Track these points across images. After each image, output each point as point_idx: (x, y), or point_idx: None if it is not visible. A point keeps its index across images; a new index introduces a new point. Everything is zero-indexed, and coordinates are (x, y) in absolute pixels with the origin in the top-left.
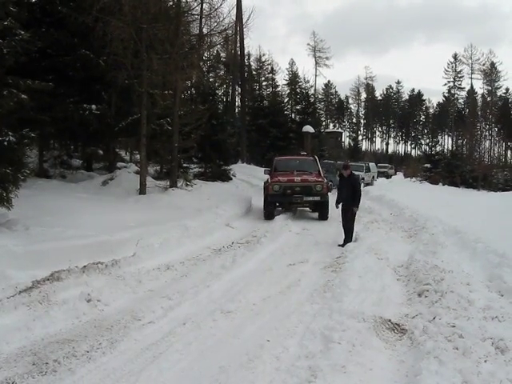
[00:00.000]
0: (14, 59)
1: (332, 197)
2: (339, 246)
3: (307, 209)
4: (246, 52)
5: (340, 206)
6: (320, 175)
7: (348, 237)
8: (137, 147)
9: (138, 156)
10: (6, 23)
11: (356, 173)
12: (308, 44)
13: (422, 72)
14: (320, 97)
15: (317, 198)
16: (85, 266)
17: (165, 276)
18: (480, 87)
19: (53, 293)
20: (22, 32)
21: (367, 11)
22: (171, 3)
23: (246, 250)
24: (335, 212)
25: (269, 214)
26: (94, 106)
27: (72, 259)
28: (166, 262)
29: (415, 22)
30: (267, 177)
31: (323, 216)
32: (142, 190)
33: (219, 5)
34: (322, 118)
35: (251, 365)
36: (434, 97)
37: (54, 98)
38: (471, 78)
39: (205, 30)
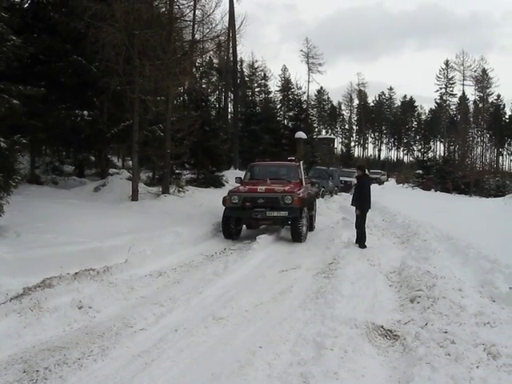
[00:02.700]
0: (6, 65)
1: (324, 204)
2: (355, 244)
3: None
4: (238, 58)
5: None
6: (301, 185)
7: (358, 239)
8: (129, 153)
9: (131, 162)
10: None
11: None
12: (301, 50)
13: (414, 79)
14: (312, 103)
15: (283, 214)
16: (76, 273)
17: (157, 282)
18: (472, 94)
19: (44, 300)
20: (14, 38)
21: (359, 19)
22: (164, 9)
23: (239, 257)
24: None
25: (227, 233)
26: (86, 112)
27: (63, 266)
28: (158, 269)
29: (406, 29)
30: None
31: (296, 236)
32: (134, 197)
33: (212, 11)
34: (315, 125)
35: (243, 371)
36: (426, 103)
37: (46, 104)
38: (463, 85)
39: (197, 37)
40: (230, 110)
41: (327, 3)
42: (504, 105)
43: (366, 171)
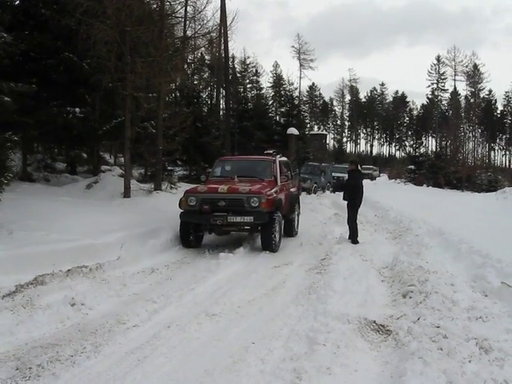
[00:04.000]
0: None
1: (317, 200)
2: (348, 239)
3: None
4: (230, 55)
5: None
6: (275, 183)
7: (351, 234)
8: (121, 150)
9: (123, 159)
10: None
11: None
12: (292, 46)
13: (406, 74)
14: (304, 99)
15: (248, 219)
16: (69, 270)
17: (149, 279)
18: (463, 89)
19: (36, 297)
20: (5, 35)
21: (350, 15)
22: (155, 6)
23: (231, 253)
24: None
25: (185, 241)
26: (77, 109)
27: (56, 263)
28: (151, 265)
29: (397, 25)
30: None
31: (266, 245)
32: (127, 193)
33: (203, 8)
34: (307, 121)
35: (236, 367)
36: (417, 99)
37: (38, 101)
38: (454, 80)
39: (189, 33)
40: (221, 106)
41: (319, 0)
42: (495, 100)
43: (359, 167)
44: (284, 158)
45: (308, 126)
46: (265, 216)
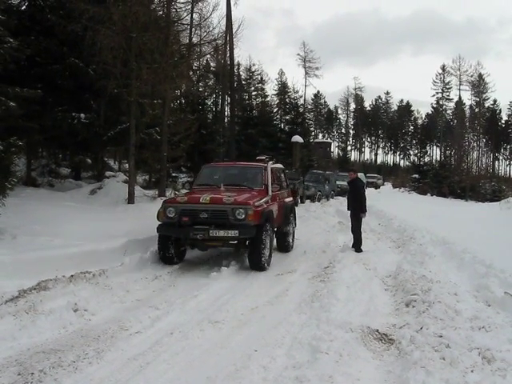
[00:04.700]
0: (3, 67)
1: (321, 208)
2: (351, 248)
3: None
4: (235, 62)
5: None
6: (265, 193)
7: (355, 243)
8: (125, 156)
9: (127, 165)
10: None
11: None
12: (298, 54)
13: (411, 83)
14: (309, 107)
15: (232, 234)
16: (72, 276)
17: (152, 286)
18: (468, 98)
19: (39, 302)
20: (11, 40)
21: (355, 24)
22: (161, 13)
23: (234, 260)
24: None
25: (164, 257)
26: (82, 115)
27: (59, 268)
28: (154, 272)
29: (402, 34)
30: None
31: (253, 263)
32: (131, 199)
33: (209, 15)
34: (312, 128)
35: (238, 375)
36: (422, 108)
37: (43, 107)
38: (459, 90)
39: (194, 40)
40: (226, 113)
41: (324, 9)
42: (500, 110)
43: (359, 175)
44: (278, 165)
45: (313, 133)
46: (252, 230)
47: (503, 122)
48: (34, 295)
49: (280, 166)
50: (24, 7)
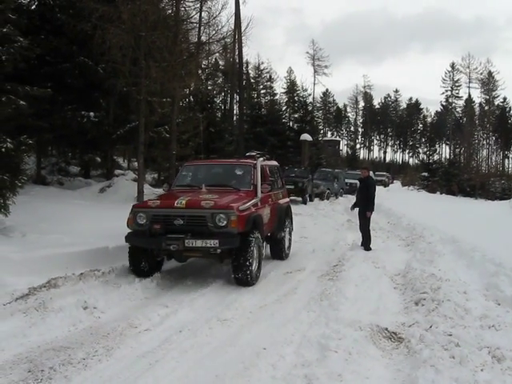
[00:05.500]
0: (13, 66)
1: (330, 206)
2: (361, 246)
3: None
4: (244, 60)
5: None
6: (254, 194)
7: (364, 241)
8: (134, 154)
9: (136, 163)
10: (5, 30)
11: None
12: (307, 52)
13: (420, 81)
14: (318, 105)
15: (212, 243)
16: (82, 274)
17: (161, 284)
18: (478, 96)
19: (49, 300)
20: (21, 39)
21: (364, 22)
22: (170, 11)
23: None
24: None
25: (136, 269)
26: (92, 114)
27: (69, 266)
28: (163, 269)
29: (411, 32)
30: None
31: (238, 276)
32: (140, 198)
33: (218, 13)
34: (320, 127)
35: (247, 373)
36: (431, 106)
37: (53, 105)
38: (469, 87)
39: (203, 38)
40: (235, 111)
41: (333, 7)
42: (510, 107)
43: (370, 173)
44: (271, 162)
45: (321, 132)
46: (235, 239)
47: None
48: (43, 293)
49: (274, 163)
50: (34, 6)
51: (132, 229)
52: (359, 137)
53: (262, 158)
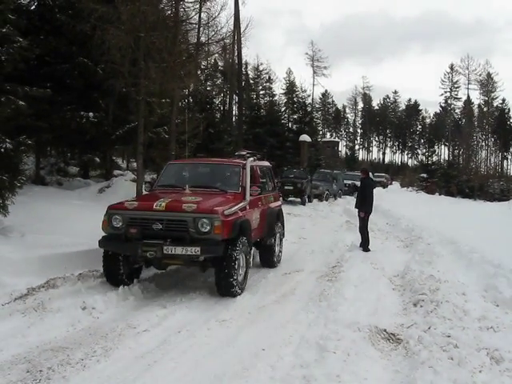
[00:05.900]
0: (13, 66)
1: (328, 207)
2: (359, 247)
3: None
4: (243, 61)
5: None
6: (242, 197)
7: (362, 242)
8: (133, 155)
9: (135, 164)
10: (4, 30)
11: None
12: (306, 53)
13: (419, 82)
14: (317, 106)
15: (193, 251)
16: (80, 274)
17: (160, 284)
18: (477, 97)
19: (48, 300)
20: (21, 39)
21: (363, 23)
22: (169, 12)
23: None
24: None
25: (111, 277)
26: (91, 114)
27: (67, 267)
28: (162, 270)
29: (410, 33)
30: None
31: (221, 287)
32: None
33: (217, 14)
34: (319, 128)
35: (246, 373)
36: (430, 107)
37: (52, 106)
38: (468, 89)
39: (203, 39)
40: (234, 112)
41: (332, 9)
42: (509, 109)
43: (370, 174)
44: (263, 163)
45: (320, 133)
46: (218, 247)
47: None
48: (42, 293)
49: (265, 163)
50: (33, 7)
51: (107, 232)
52: (358, 138)
53: (252, 158)
